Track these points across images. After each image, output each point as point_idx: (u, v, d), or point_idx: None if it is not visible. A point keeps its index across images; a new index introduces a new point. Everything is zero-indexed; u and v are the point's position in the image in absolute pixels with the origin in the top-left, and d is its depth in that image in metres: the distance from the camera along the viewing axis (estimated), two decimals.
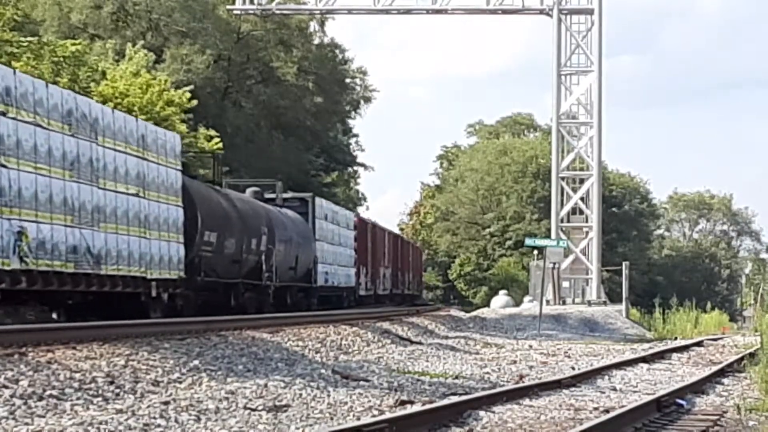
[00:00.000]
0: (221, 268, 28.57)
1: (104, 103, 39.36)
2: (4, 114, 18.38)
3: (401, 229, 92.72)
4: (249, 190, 36.26)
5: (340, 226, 43.37)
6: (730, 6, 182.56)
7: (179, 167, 25.96)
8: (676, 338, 38.38)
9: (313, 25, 64.23)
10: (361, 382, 16.14)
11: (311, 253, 37.73)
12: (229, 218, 29.32)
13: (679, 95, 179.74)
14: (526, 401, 14.75)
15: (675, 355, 25.97)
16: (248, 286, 30.72)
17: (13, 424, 10.26)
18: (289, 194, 40.01)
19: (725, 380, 19.34)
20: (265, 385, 14.29)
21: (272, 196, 37.50)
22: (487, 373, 19.71)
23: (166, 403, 12.13)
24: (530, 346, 28.89)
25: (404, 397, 14.33)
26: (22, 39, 36.73)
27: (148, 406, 11.84)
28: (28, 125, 19.04)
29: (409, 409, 12.94)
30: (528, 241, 47.20)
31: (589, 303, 51.48)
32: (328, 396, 14.00)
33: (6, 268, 18.27)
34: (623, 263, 51.71)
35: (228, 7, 55.86)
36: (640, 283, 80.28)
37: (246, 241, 30.41)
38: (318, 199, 40.76)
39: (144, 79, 41.63)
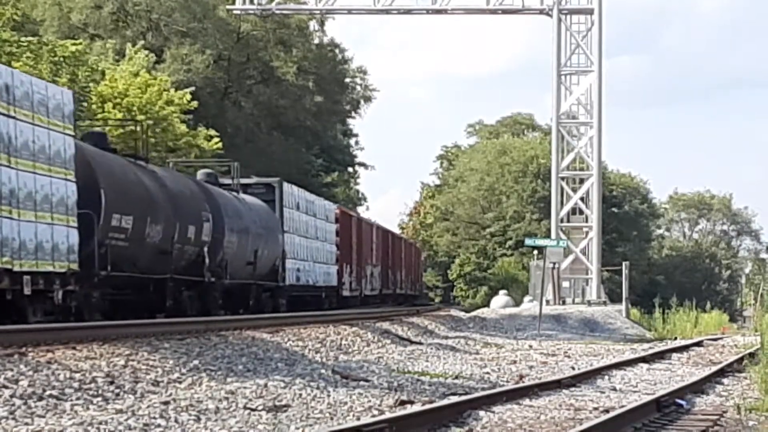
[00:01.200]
0: (144, 260, 23.65)
1: (103, 102, 39.45)
2: None
3: (401, 229, 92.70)
4: (200, 173, 31.67)
5: (318, 217, 39.19)
6: (730, 6, 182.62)
7: (70, 131, 20.59)
8: (675, 338, 38.38)
9: (313, 25, 64.26)
10: (361, 382, 16.14)
11: (277, 246, 33.08)
12: (153, 200, 24.23)
13: (679, 95, 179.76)
14: (526, 401, 14.74)
15: (675, 355, 25.97)
16: (187, 284, 25.76)
17: (13, 424, 10.26)
18: (253, 179, 34.71)
19: (725, 380, 19.34)
20: (265, 385, 14.29)
21: (228, 181, 32.35)
22: (487, 373, 19.71)
23: (166, 403, 12.13)
24: (530, 346, 28.89)
25: (404, 397, 14.33)
26: (22, 39, 36.73)
27: (148, 406, 11.84)
28: None
29: (409, 409, 12.94)
30: (528, 241, 47.21)
31: (589, 303, 51.46)
32: (328, 396, 14.00)
33: None
34: (623, 263, 51.71)
35: (228, 7, 55.85)
36: (640, 283, 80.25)
37: (179, 228, 25.30)
38: (287, 186, 35.44)
39: (143, 78, 41.64)
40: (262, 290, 31.97)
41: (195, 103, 43.56)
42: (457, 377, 18.50)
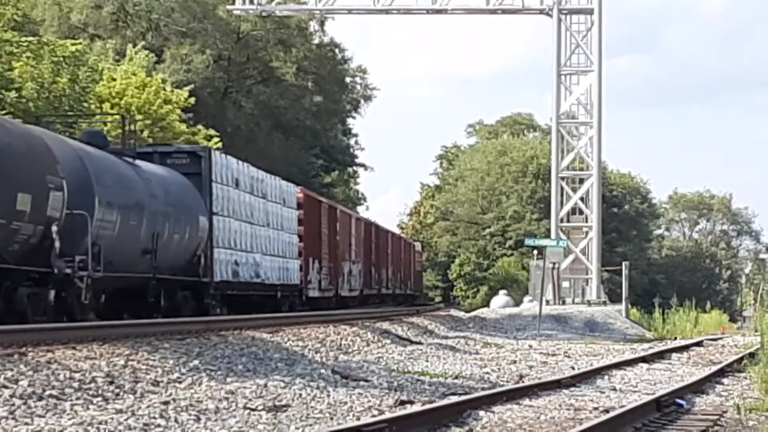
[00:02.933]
0: None
1: (101, 102, 39.46)
2: None
3: (401, 229, 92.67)
4: (84, 132, 24.87)
5: (270, 200, 32.37)
6: (731, 6, 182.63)
7: None
8: (675, 338, 38.39)
9: (313, 25, 64.28)
10: (361, 382, 16.13)
11: (198, 231, 26.16)
12: None
13: (679, 95, 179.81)
14: (526, 401, 14.74)
15: (675, 355, 25.97)
16: (21, 277, 18.78)
17: (13, 424, 10.26)
18: (173, 146, 28.64)
19: (725, 380, 19.34)
20: (265, 385, 14.29)
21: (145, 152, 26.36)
22: (487, 373, 19.71)
23: (166, 403, 12.13)
24: (530, 346, 28.89)
25: (404, 397, 14.32)
26: (22, 39, 36.72)
27: (148, 406, 11.84)
28: None
29: (409, 409, 12.94)
30: (528, 241, 47.21)
31: (589, 303, 51.47)
32: (328, 396, 14.00)
33: None
34: (623, 263, 51.73)
35: (228, 7, 55.87)
36: (640, 283, 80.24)
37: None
38: (221, 157, 28.25)
39: (140, 78, 41.64)
40: (177, 287, 25.33)
41: (192, 100, 43.54)
42: (457, 377, 18.50)
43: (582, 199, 54.24)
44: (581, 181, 54.59)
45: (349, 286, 43.81)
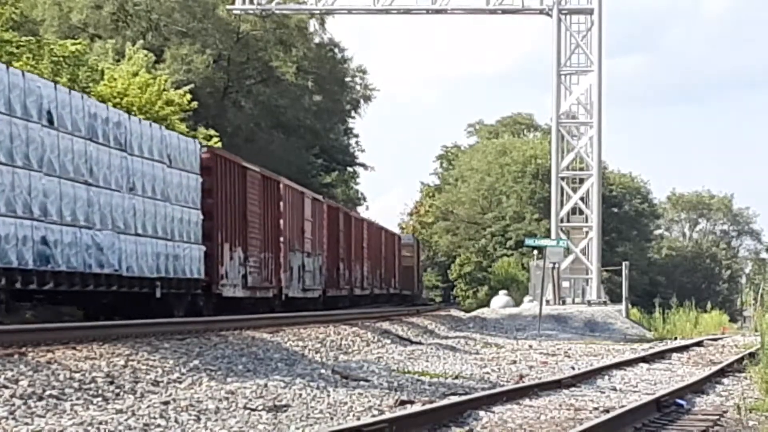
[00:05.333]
0: None
1: (103, 102, 39.48)
2: None
3: (402, 229, 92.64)
4: None
5: (137, 155, 23.17)
6: (731, 6, 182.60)
7: None
8: (676, 338, 38.37)
9: (313, 24, 64.29)
10: (361, 382, 16.13)
11: None
12: None
13: (679, 95, 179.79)
14: (526, 401, 14.74)
15: (675, 355, 25.96)
16: None
17: (13, 424, 10.25)
18: None
19: (725, 380, 19.34)
20: (265, 385, 14.28)
21: None
22: (487, 373, 19.71)
23: (166, 403, 12.12)
24: (530, 346, 28.88)
25: (404, 397, 14.32)
26: (22, 39, 36.74)
27: (148, 406, 11.83)
28: None
29: (409, 409, 12.94)
30: (528, 241, 47.19)
31: (589, 303, 51.45)
32: (328, 396, 13.99)
33: None
34: (623, 263, 51.70)
35: (228, 7, 55.86)
36: (640, 283, 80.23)
37: None
38: (16, 76, 18.88)
39: (143, 78, 41.64)
40: None
41: (195, 104, 43.56)
42: (457, 377, 18.49)
43: (582, 199, 54.22)
44: (581, 181, 54.57)
45: (301, 285, 35.52)
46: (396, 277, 58.69)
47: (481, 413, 13.22)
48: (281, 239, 33.21)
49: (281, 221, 33.28)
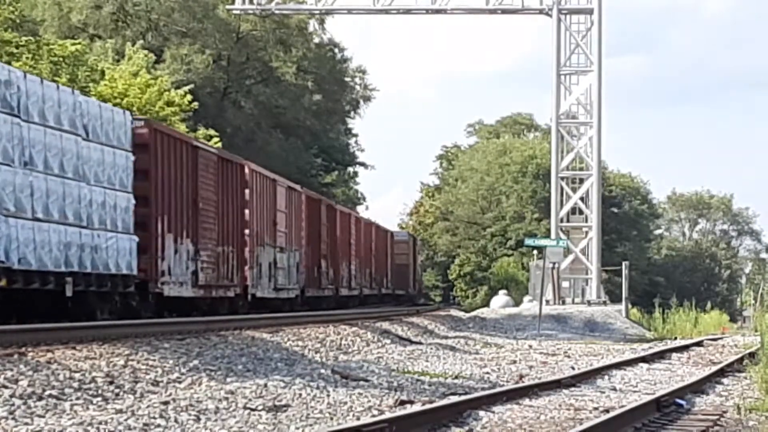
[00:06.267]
0: None
1: (104, 102, 39.49)
2: None
3: (401, 229, 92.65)
4: None
5: (37, 122, 19.02)
6: (731, 6, 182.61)
7: None
8: (675, 338, 38.37)
9: (313, 24, 64.29)
10: (361, 382, 16.13)
11: None
12: None
13: (679, 95, 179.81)
14: (526, 401, 14.74)
15: (675, 355, 25.96)
16: None
17: (12, 424, 10.25)
18: None
19: (725, 380, 19.33)
20: (265, 385, 14.28)
21: None
22: (487, 373, 19.70)
23: (166, 403, 12.12)
24: (530, 346, 28.88)
25: (404, 397, 14.32)
26: (21, 39, 36.73)
27: (148, 406, 11.83)
28: None
29: (409, 409, 12.93)
30: (528, 241, 47.19)
31: (589, 303, 51.44)
32: (328, 396, 13.99)
33: None
34: (623, 263, 51.70)
35: (228, 7, 55.84)
36: (640, 283, 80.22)
37: None
38: None
39: (143, 79, 41.64)
40: None
41: (195, 104, 43.56)
42: (457, 377, 18.49)
43: (582, 199, 54.20)
44: (581, 181, 54.55)
45: (273, 284, 32.08)
46: (388, 276, 56.07)
47: (481, 413, 13.22)
48: (246, 231, 29.68)
49: (246, 211, 29.69)
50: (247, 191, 29.75)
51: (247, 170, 30.00)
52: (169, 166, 24.35)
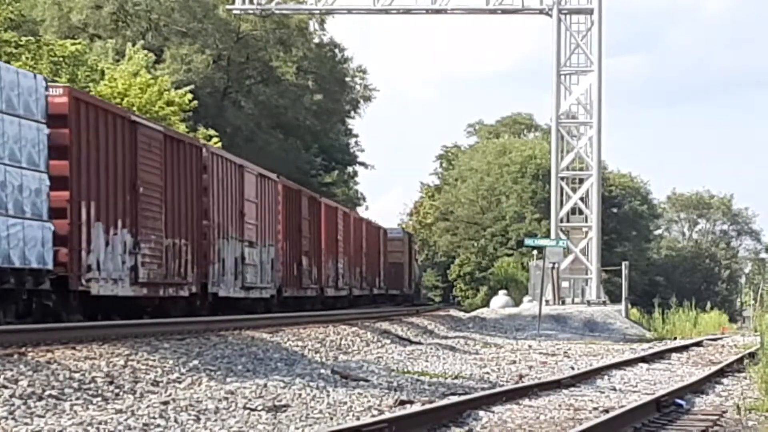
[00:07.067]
0: None
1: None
2: None
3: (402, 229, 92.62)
4: None
5: None
6: (731, 6, 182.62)
7: None
8: (675, 338, 38.37)
9: (313, 24, 64.30)
10: (361, 382, 16.13)
11: None
12: None
13: (679, 95, 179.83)
14: (526, 401, 14.74)
15: (674, 355, 25.96)
16: None
17: (12, 424, 10.25)
18: None
19: (725, 380, 19.33)
20: (265, 385, 14.28)
21: None
22: (487, 373, 19.70)
23: (166, 403, 12.12)
24: (530, 346, 28.88)
25: (404, 397, 14.32)
26: (21, 39, 36.74)
27: (148, 406, 11.83)
28: None
29: (409, 409, 12.93)
30: (528, 241, 47.18)
31: (589, 303, 51.44)
32: (328, 396, 13.99)
33: None
34: (623, 263, 51.70)
35: (228, 7, 55.85)
36: (640, 283, 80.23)
37: None
38: None
39: (143, 79, 41.65)
40: None
41: (195, 103, 43.56)
42: (456, 377, 18.49)
43: (582, 199, 54.20)
44: (581, 181, 54.55)
45: (240, 282, 28.76)
46: (381, 275, 53.21)
47: (481, 413, 13.22)
48: (205, 222, 26.26)
49: (205, 199, 26.21)
50: (205, 176, 26.27)
51: (205, 153, 26.53)
52: (97, 142, 20.66)
